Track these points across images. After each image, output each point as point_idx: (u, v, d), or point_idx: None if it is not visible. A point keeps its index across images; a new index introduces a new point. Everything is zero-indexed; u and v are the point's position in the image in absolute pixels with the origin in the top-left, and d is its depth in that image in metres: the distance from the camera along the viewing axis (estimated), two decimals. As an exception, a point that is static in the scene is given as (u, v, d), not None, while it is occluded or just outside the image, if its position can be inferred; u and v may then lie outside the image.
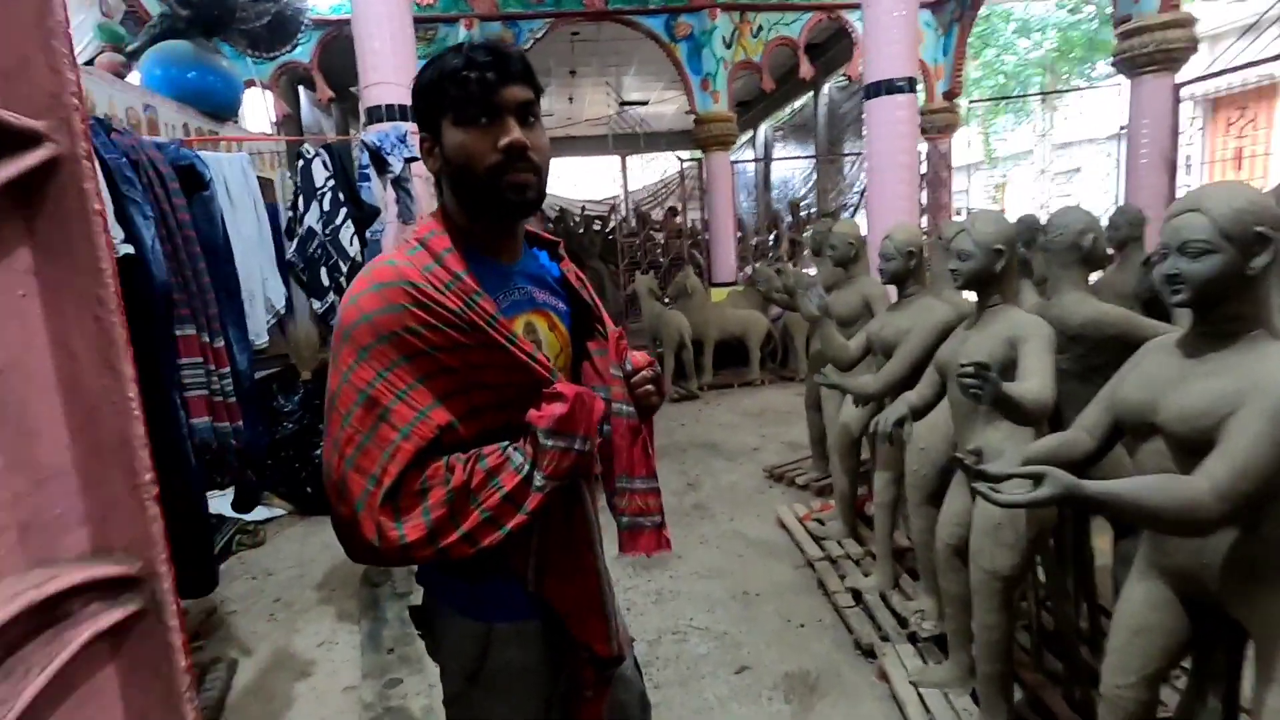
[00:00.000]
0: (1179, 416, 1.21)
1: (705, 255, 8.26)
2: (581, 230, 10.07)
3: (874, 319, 2.72)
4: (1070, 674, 2.21)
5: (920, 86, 7.95)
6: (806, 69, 7.59)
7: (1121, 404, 1.35)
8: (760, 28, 7.43)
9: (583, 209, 10.37)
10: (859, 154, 9.94)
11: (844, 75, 8.49)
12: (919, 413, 2.11)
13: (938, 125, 8.05)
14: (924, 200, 8.55)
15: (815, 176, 11.17)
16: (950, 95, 7.76)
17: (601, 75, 10.47)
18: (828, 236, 3.94)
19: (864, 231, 3.72)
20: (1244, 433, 1.11)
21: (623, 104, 11.69)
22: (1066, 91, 12.40)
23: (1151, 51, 5.00)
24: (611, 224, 9.86)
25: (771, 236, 10.83)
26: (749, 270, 8.01)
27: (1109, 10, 12.70)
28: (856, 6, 7.45)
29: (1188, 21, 4.96)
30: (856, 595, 2.79)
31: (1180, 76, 5.14)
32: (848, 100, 10.25)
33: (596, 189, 15.85)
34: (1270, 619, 1.17)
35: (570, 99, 12.28)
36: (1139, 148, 5.25)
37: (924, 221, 7.89)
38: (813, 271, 10.27)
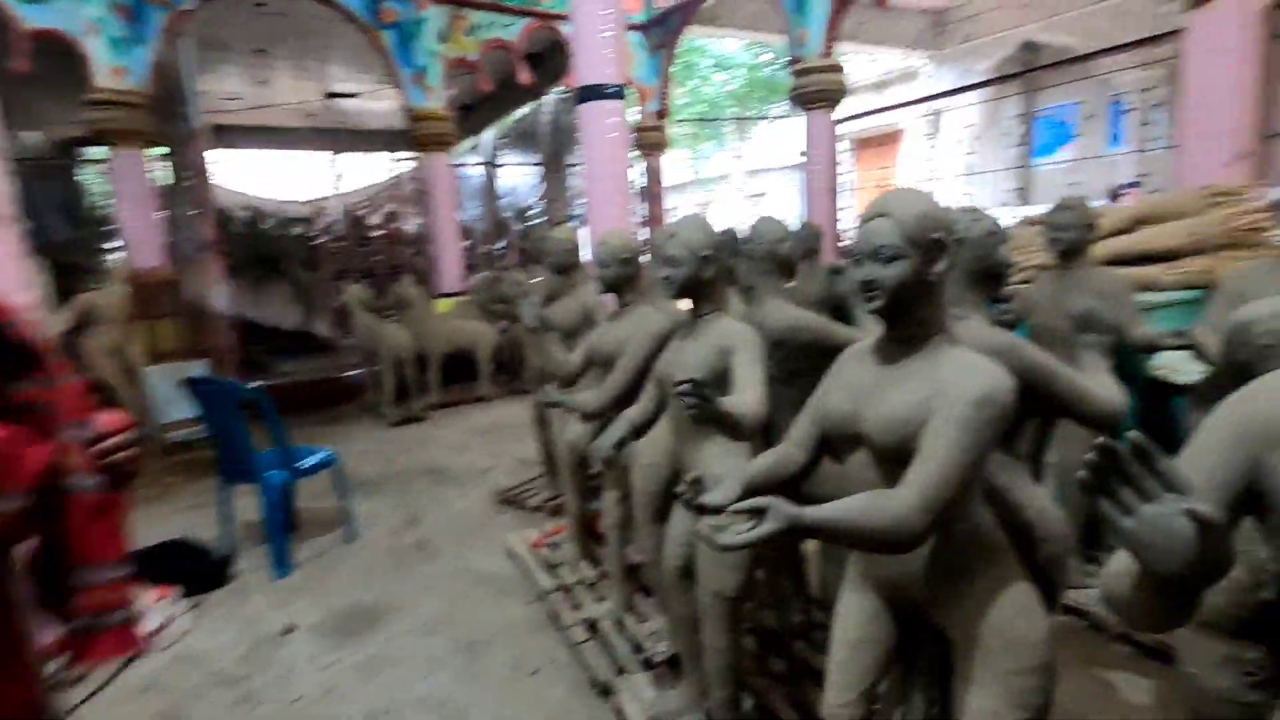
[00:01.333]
0: (880, 427, 1.18)
1: (429, 264, 7.65)
2: (278, 235, 8.72)
3: (594, 330, 2.57)
4: (793, 673, 2.27)
5: (636, 105, 8.37)
6: (526, 76, 7.44)
7: (827, 416, 1.31)
8: (476, 26, 7.09)
9: (280, 210, 8.99)
10: (578, 164, 10.17)
11: (565, 87, 8.56)
12: (641, 429, 1.98)
13: (650, 143, 8.50)
14: (644, 213, 8.99)
15: (544, 186, 11.16)
16: (660, 115, 8.24)
17: (300, 59, 9.17)
18: (546, 243, 3.77)
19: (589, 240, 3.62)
20: (937, 440, 1.09)
21: (330, 95, 10.43)
22: (757, 118, 14.17)
23: (816, 90, 5.77)
24: (318, 228, 8.68)
25: (501, 244, 10.55)
26: (474, 279, 7.61)
27: (786, 59, 14.77)
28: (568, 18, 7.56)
29: (838, 68, 5.82)
30: (592, 626, 2.61)
31: (836, 115, 6.02)
32: (570, 112, 10.40)
33: (302, 188, 14.01)
34: (968, 620, 1.19)
35: (264, 82, 10.61)
36: (814, 172, 6.03)
37: (645, 233, 8.27)
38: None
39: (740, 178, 17.04)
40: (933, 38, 10.07)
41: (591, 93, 3.42)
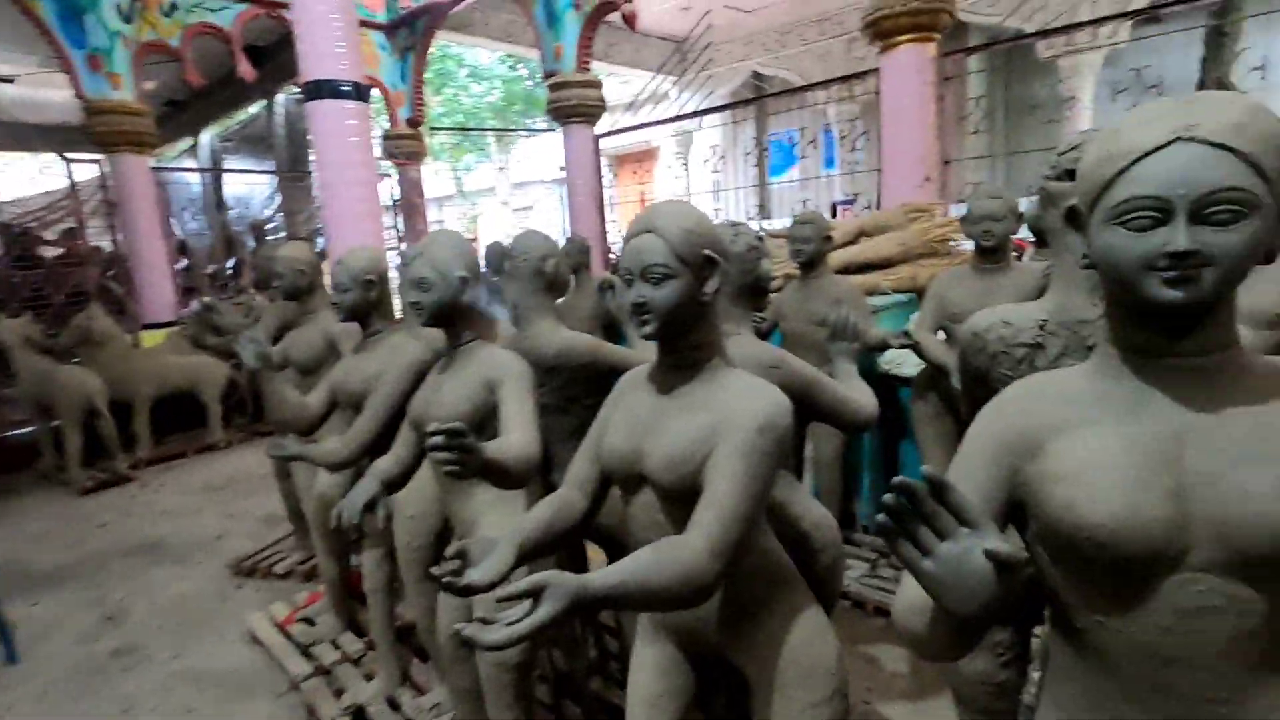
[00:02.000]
0: (663, 465, 1.07)
1: (127, 290, 6.27)
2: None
3: (338, 365, 2.19)
4: (588, 715, 2.12)
5: (384, 111, 7.73)
6: (246, 69, 6.45)
7: (608, 455, 1.17)
8: (174, 5, 5.98)
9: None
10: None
11: (297, 86, 7.64)
12: (397, 482, 1.69)
13: (406, 152, 7.93)
14: (400, 227, 8.35)
15: (279, 197, 9.85)
16: (414, 123, 7.72)
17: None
18: (274, 263, 3.22)
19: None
20: (723, 475, 1.00)
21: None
22: (516, 131, 14.03)
23: (575, 105, 5.79)
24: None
25: (230, 264, 9.10)
26: (195, 306, 6.41)
27: (540, 75, 14.82)
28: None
29: (597, 84, 5.91)
30: (359, 713, 2.21)
31: (598, 130, 6.10)
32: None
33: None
34: (765, 657, 1.12)
35: None
36: (576, 188, 6.04)
37: (404, 249, 7.67)
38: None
39: (505, 191, 16.80)
40: (676, 64, 10.80)
41: (322, 90, 2.98)
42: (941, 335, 2.52)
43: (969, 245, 2.62)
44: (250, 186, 10.68)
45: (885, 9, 3.80)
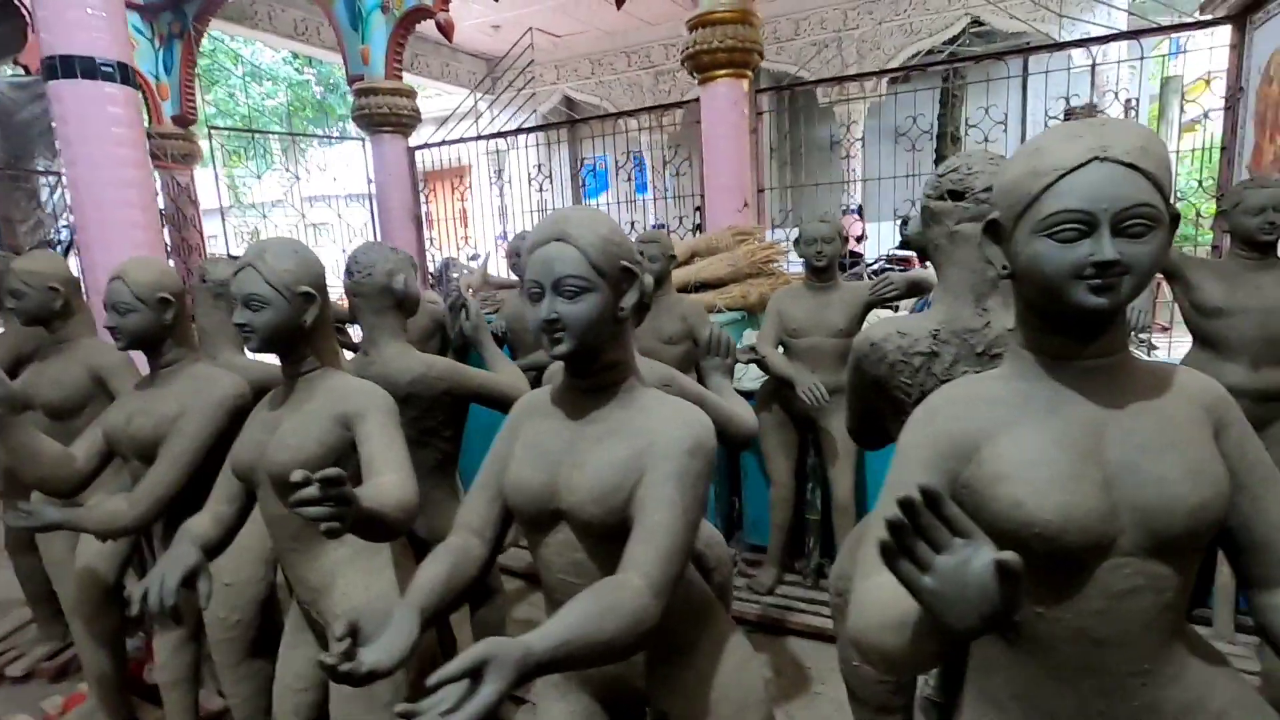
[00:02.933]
0: (589, 498, 0.96)
1: None
2: None
3: (110, 407, 1.75)
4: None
5: (144, 104, 6.59)
6: (-57, 39, 5.14)
7: (516, 492, 1.03)
8: None
9: None
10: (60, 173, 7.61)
11: (18, 65, 6.28)
12: (216, 547, 1.37)
13: (176, 154, 6.83)
14: (168, 240, 7.16)
15: (-9, 200, 7.96)
16: (184, 121, 6.69)
17: None
18: (8, 278, 2.55)
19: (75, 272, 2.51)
20: (656, 505, 0.92)
21: None
22: (318, 137, 12.81)
23: (386, 113, 5.38)
24: None
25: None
26: None
27: (331, 80, 13.67)
28: (24, -25, 5.54)
29: (410, 93, 5.55)
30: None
31: (412, 142, 5.74)
32: (33, 103, 7.68)
33: None
34: (695, 696, 1.05)
35: None
36: (389, 202, 5.61)
37: (171, 264, 6.57)
38: None
39: (296, 204, 15.20)
40: (488, 82, 10.60)
41: (72, 66, 2.43)
42: (780, 350, 2.67)
43: (793, 268, 2.83)
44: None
45: (703, 44, 4.02)
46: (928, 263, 1.22)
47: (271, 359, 1.43)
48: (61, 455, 1.60)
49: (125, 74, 2.56)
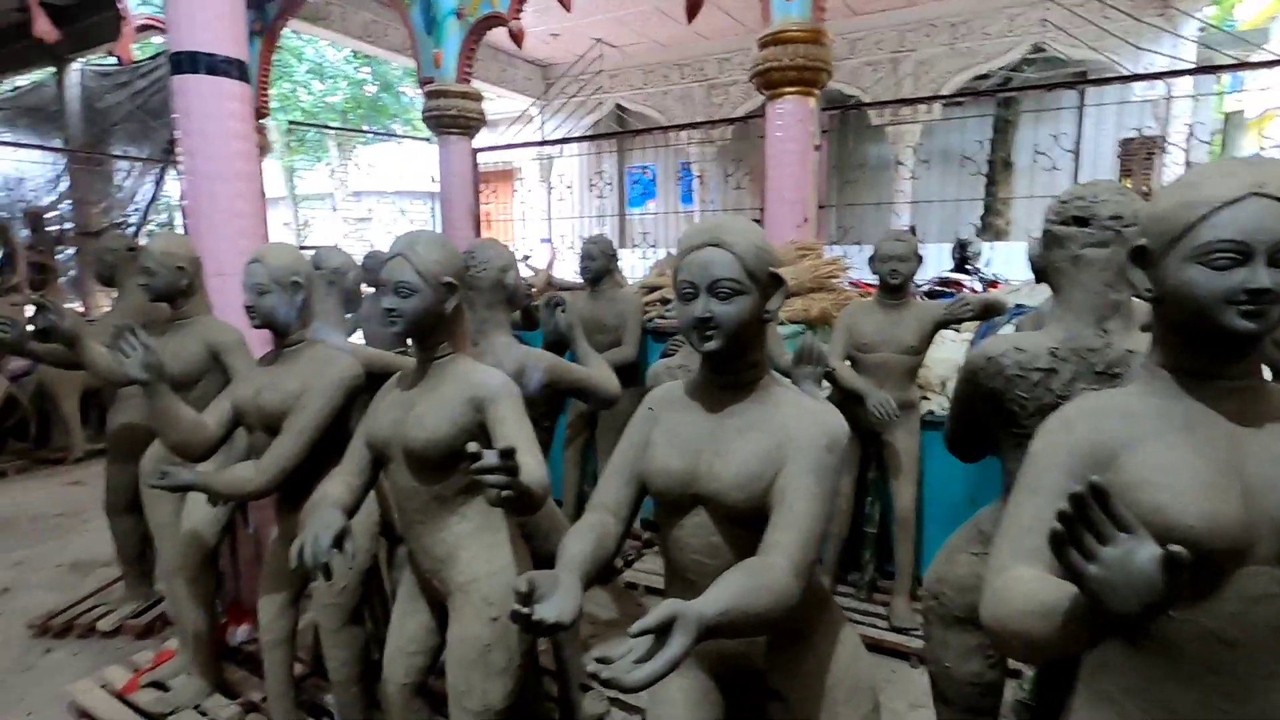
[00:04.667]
0: (731, 485, 1.04)
1: None
2: None
3: (238, 379, 1.88)
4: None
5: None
6: (46, 28, 5.44)
7: (659, 476, 1.11)
8: (-49, -60, 4.91)
9: None
10: (144, 159, 7.97)
11: (111, 55, 6.59)
12: (349, 514, 1.47)
13: (244, 145, 7.10)
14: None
15: (68, 181, 8.36)
16: (260, 114, 6.96)
17: None
18: (127, 256, 2.73)
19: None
20: (798, 495, 1.00)
21: None
22: (384, 135, 13.16)
23: (454, 115, 5.56)
24: None
25: (-2, 256, 7.51)
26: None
27: (385, 80, 13.98)
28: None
29: (477, 96, 5.72)
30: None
31: (476, 144, 5.90)
32: (114, 91, 8.07)
33: None
34: (812, 679, 1.12)
35: None
36: (452, 201, 5.77)
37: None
38: (88, 307, 7.61)
39: (342, 199, 15.60)
40: (541, 88, 10.81)
41: (198, 63, 2.59)
42: (848, 363, 2.73)
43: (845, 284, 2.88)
44: (23, 165, 8.95)
45: (773, 61, 4.11)
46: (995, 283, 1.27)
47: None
48: (196, 422, 1.73)
49: (242, 70, 2.72)
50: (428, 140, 6.25)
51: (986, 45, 8.21)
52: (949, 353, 3.01)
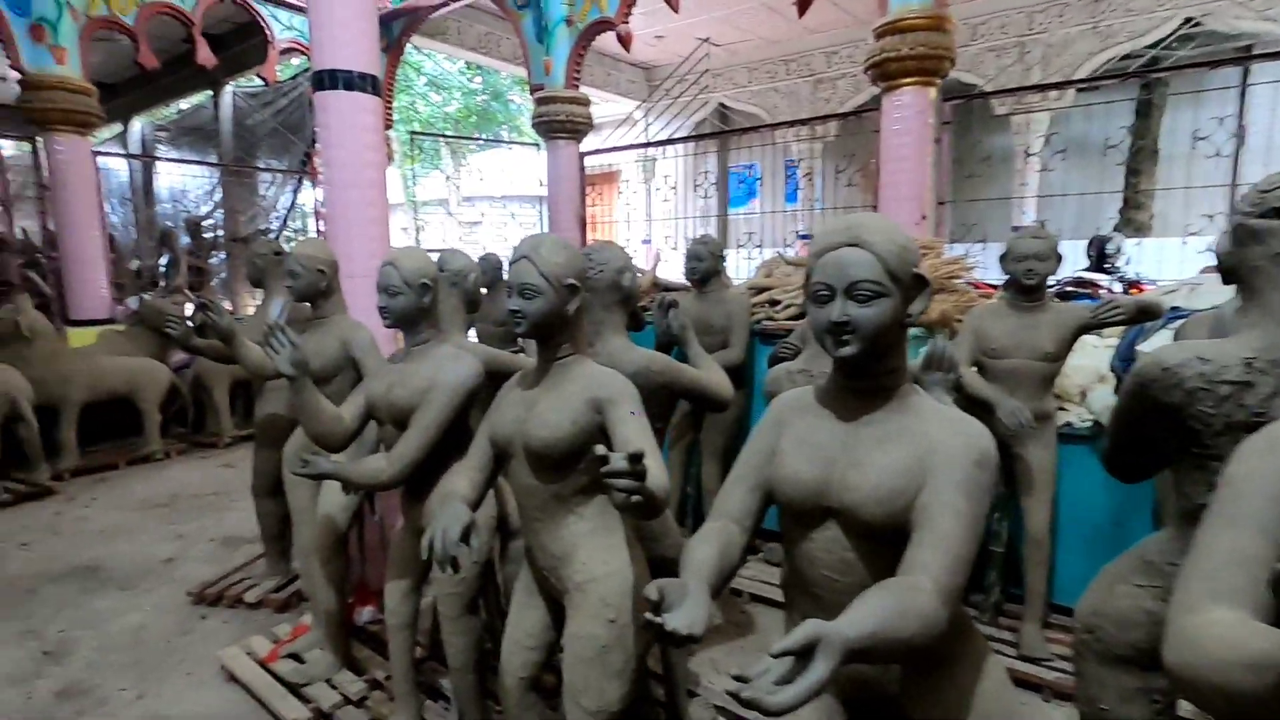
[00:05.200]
0: (869, 498, 0.98)
1: (55, 282, 5.69)
2: None
3: (371, 376, 1.99)
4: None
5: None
6: (206, 55, 6.04)
7: (790, 485, 1.07)
8: (132, -19, 5.55)
9: None
10: (284, 170, 8.71)
11: (258, 77, 7.22)
12: (475, 506, 1.52)
13: (370, 155, 7.61)
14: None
15: (221, 192, 9.26)
16: (385, 126, 7.43)
17: None
18: (274, 260, 2.97)
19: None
20: (946, 513, 0.93)
21: None
22: (496, 141, 13.78)
23: (563, 120, 5.70)
24: None
25: (163, 260, 8.45)
26: (133, 303, 5.88)
27: (495, 89, 14.55)
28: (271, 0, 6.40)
29: (585, 101, 5.84)
30: (374, 762, 1.99)
31: (582, 148, 6.02)
32: (260, 110, 8.86)
33: None
34: (946, 710, 1.04)
35: None
36: (559, 204, 5.92)
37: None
38: (236, 307, 8.39)
39: (455, 204, 16.39)
40: (645, 90, 10.90)
41: (337, 79, 2.78)
42: (974, 369, 2.55)
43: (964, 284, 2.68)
44: (185, 179, 10.00)
45: (891, 51, 3.92)
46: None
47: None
48: (335, 415, 1.85)
49: (375, 85, 2.90)
50: (536, 146, 6.43)
51: (1130, 23, 7.49)
52: (1090, 360, 2.75)
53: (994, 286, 4.31)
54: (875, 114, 4.40)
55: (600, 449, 0.98)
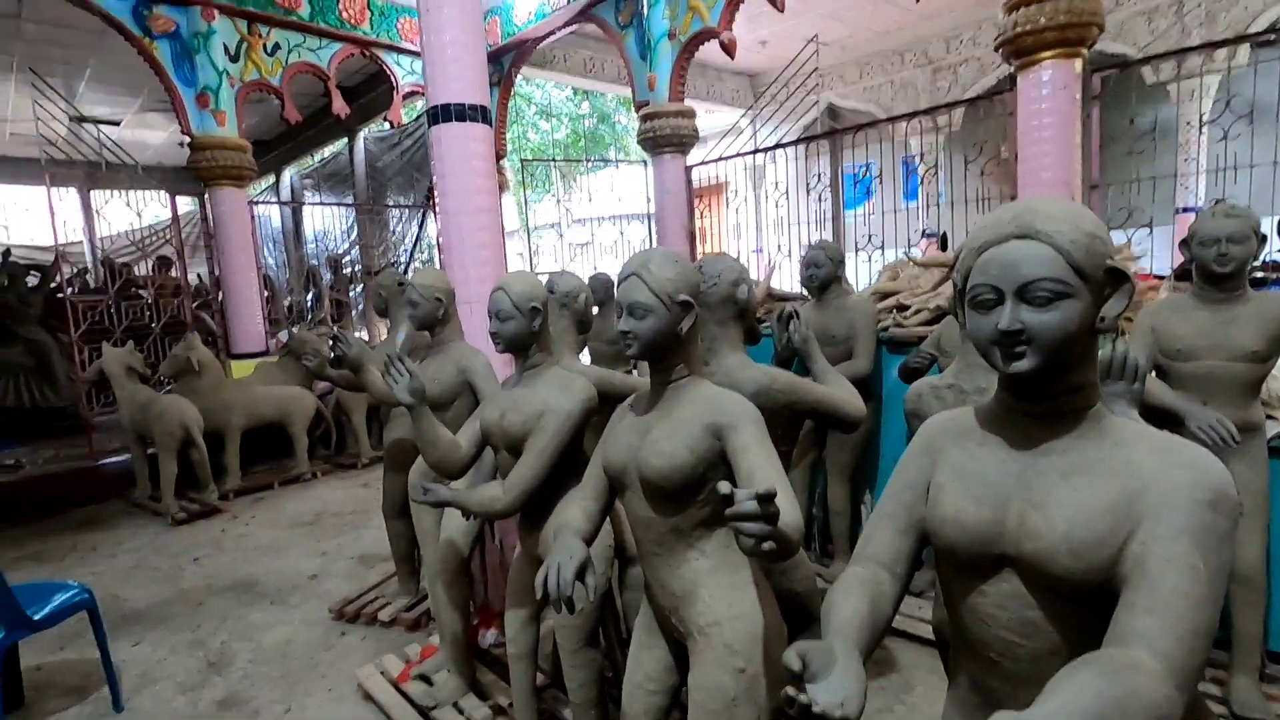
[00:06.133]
0: (1065, 548, 0.79)
1: (220, 319, 6.35)
2: (6, 285, 6.82)
3: (485, 402, 1.99)
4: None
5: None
6: (340, 105, 6.58)
7: (949, 527, 0.90)
8: (276, 45, 6.14)
9: (6, 255, 7.04)
10: (410, 205, 9.31)
11: (385, 121, 7.76)
12: (587, 541, 1.45)
13: (486, 185, 7.95)
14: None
15: (356, 230, 10.04)
16: (497, 156, 7.75)
17: (37, 73, 7.42)
18: (397, 291, 3.10)
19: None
20: (1170, 568, 0.73)
21: (79, 119, 8.56)
22: (600, 160, 14.13)
23: (668, 134, 5.67)
24: (60, 279, 6.91)
25: (310, 296, 9.25)
26: (284, 336, 6.44)
27: (602, 111, 14.87)
28: (394, 49, 6.86)
29: (690, 114, 5.78)
30: (499, 795, 1.96)
31: (689, 160, 5.96)
32: (388, 152, 9.53)
33: (36, 231, 11.49)
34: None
35: (-20, 100, 8.48)
36: (666, 218, 5.88)
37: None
38: (372, 336, 9.01)
39: (565, 226, 16.89)
40: (750, 98, 10.72)
41: (450, 112, 2.87)
42: (1152, 374, 2.19)
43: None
44: (327, 221, 10.94)
45: (1026, 24, 3.55)
46: None
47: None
48: (452, 442, 1.84)
49: (484, 115, 2.97)
50: (643, 163, 6.44)
51: (1318, -37, 6.45)
52: (1307, 359, 2.29)
53: (1160, 277, 3.76)
54: (1004, 98, 4.01)
55: (725, 486, 0.86)
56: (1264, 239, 2.03)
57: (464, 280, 2.90)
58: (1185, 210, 6.51)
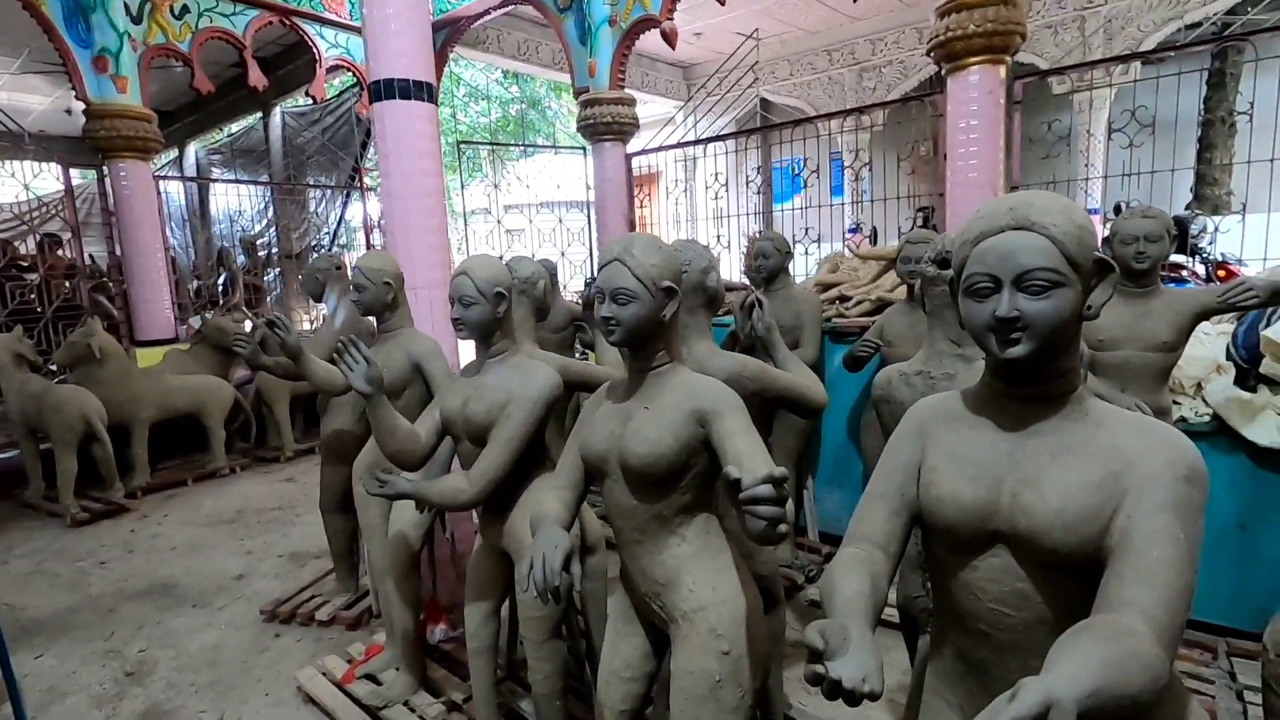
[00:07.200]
0: (1058, 523, 0.84)
1: (122, 303, 5.86)
2: None
3: (444, 391, 1.92)
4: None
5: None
6: (258, 76, 6.16)
7: (946, 506, 0.94)
8: (185, 8, 5.69)
9: None
10: (333, 186, 8.86)
11: (307, 95, 7.35)
12: (569, 528, 1.42)
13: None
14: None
15: (273, 210, 9.47)
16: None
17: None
18: (335, 274, 2.95)
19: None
20: (1154, 539, 0.79)
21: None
22: (543, 147, 13.86)
23: (609, 122, 5.62)
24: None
25: (221, 279, 8.67)
26: (195, 322, 6.02)
27: (537, 95, 14.62)
28: (317, 19, 6.49)
29: (631, 101, 5.75)
30: (459, 792, 1.91)
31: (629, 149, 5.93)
32: (308, 129, 9.03)
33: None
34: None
35: None
36: (606, 207, 5.84)
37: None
38: (291, 321, 8.55)
39: (497, 212, 16.55)
40: (683, 89, 10.78)
41: (393, 88, 2.74)
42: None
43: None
44: (238, 200, 10.27)
45: (956, 29, 3.72)
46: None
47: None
48: (411, 432, 1.77)
49: (429, 93, 2.85)
50: (582, 150, 6.37)
51: (1201, -12, 7.06)
52: (1205, 348, 2.53)
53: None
54: (934, 99, 4.20)
55: (732, 471, 0.87)
56: (1176, 238, 2.21)
57: (410, 264, 2.77)
58: (1090, 213, 7.04)
